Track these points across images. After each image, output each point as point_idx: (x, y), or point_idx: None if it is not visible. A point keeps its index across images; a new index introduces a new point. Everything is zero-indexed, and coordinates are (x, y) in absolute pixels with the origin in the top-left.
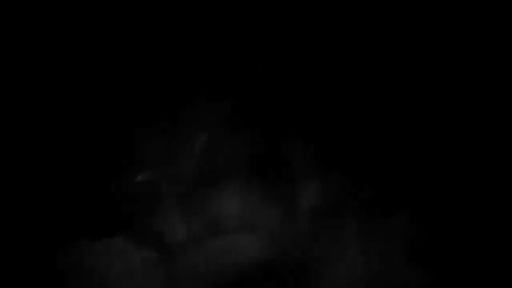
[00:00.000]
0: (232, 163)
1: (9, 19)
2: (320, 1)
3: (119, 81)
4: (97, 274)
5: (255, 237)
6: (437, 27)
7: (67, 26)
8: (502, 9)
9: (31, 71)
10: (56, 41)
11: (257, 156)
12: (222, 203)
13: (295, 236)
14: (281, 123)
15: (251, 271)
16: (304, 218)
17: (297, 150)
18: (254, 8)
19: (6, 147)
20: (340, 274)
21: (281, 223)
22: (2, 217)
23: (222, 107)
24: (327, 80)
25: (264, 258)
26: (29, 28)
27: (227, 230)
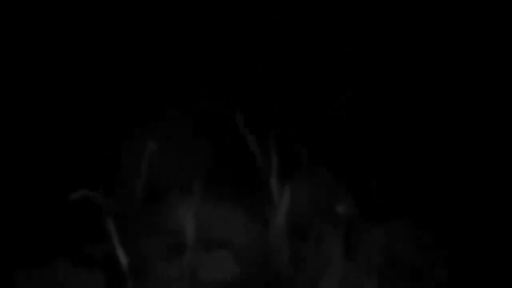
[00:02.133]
0: (188, 173)
1: (7, 18)
2: (320, 1)
3: (115, 80)
4: None
5: (220, 254)
6: (437, 27)
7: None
8: (502, 9)
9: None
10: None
11: (219, 162)
12: (179, 219)
13: (269, 251)
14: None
15: None
16: (278, 230)
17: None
18: (254, 8)
19: None
20: None
21: (249, 237)
22: None
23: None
24: (327, 80)
25: (236, 277)
26: (16, 29)
27: (189, 249)
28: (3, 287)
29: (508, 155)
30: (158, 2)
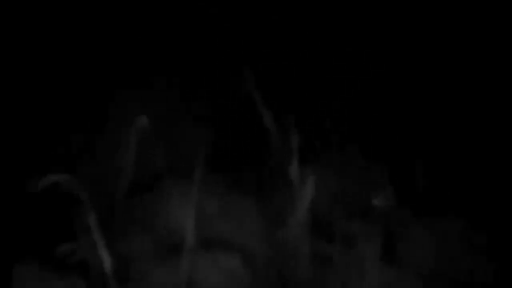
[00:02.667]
0: (184, 158)
1: None
2: (320, 1)
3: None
4: None
5: (224, 256)
6: (437, 27)
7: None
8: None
9: None
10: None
11: (220, 148)
12: (172, 214)
13: (285, 254)
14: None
15: None
16: (298, 228)
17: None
18: (254, 8)
19: None
20: None
21: (260, 236)
22: None
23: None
24: (326, 81)
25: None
26: None
27: (186, 249)
28: None
29: None
30: (158, 2)
